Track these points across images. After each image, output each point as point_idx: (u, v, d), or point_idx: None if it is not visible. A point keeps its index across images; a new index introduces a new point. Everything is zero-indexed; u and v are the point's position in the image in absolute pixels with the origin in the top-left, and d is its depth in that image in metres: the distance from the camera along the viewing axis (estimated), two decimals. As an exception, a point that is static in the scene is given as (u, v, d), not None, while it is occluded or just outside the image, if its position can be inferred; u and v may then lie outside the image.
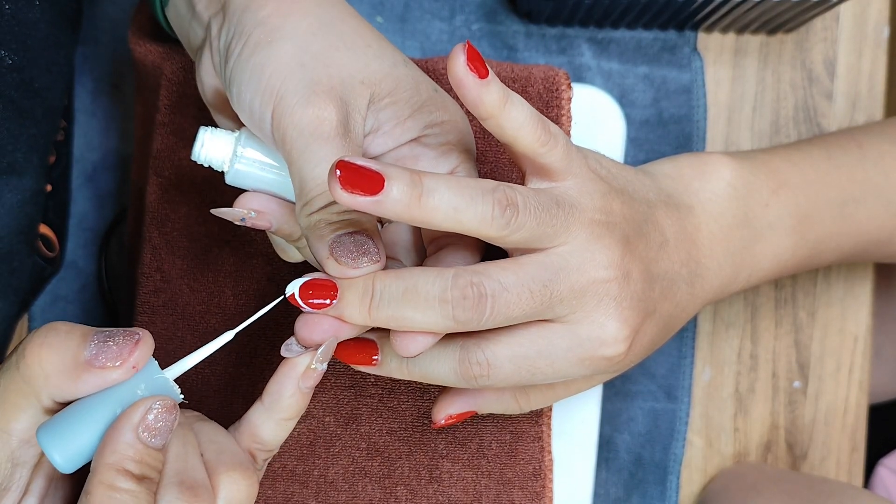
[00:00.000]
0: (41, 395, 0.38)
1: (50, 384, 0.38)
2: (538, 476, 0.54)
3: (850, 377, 0.65)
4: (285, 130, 0.41)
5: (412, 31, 0.63)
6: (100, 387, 0.38)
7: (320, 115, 0.41)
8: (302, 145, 0.41)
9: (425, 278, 0.39)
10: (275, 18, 0.43)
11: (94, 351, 0.37)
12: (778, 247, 0.51)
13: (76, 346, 0.38)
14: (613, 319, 0.42)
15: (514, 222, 0.39)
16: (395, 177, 0.37)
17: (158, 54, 0.55)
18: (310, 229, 0.41)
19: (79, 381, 0.38)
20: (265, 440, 0.43)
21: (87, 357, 0.37)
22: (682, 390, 0.63)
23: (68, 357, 0.37)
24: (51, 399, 0.38)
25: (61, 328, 0.38)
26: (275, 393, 0.42)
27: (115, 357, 0.37)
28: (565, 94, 0.54)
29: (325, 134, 0.41)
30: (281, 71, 0.42)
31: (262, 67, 0.42)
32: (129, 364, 0.38)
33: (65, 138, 0.60)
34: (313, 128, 0.41)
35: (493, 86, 0.39)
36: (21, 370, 0.38)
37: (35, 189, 0.52)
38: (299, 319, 0.41)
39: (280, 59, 0.42)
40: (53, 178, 0.58)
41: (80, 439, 0.38)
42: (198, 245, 0.55)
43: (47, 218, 0.57)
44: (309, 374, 0.42)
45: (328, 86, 0.42)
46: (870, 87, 0.65)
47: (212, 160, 0.46)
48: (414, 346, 0.40)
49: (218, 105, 0.48)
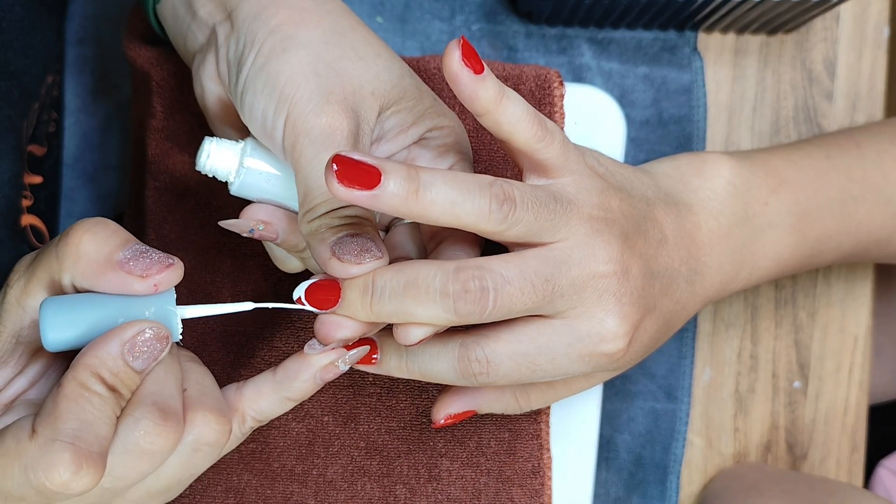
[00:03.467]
0: (65, 275, 0.39)
1: (78, 267, 0.39)
2: (537, 474, 0.54)
3: (850, 377, 0.65)
4: (297, 137, 0.41)
5: (412, 31, 0.63)
6: (118, 290, 0.39)
7: (332, 124, 0.41)
8: (311, 153, 0.41)
9: (426, 272, 0.39)
10: (287, 27, 0.43)
11: (129, 255, 0.39)
12: (778, 245, 0.51)
13: (115, 245, 0.39)
14: (613, 315, 0.42)
15: (512, 217, 0.39)
16: (392, 171, 0.37)
17: (151, 59, 0.55)
18: (312, 234, 0.41)
19: (102, 277, 0.39)
20: (262, 410, 0.43)
21: (121, 258, 0.38)
22: (682, 390, 0.63)
23: (105, 250, 0.39)
24: (71, 283, 0.39)
25: (110, 225, 0.40)
26: (291, 372, 0.43)
27: (144, 269, 0.38)
28: (557, 92, 0.54)
29: (335, 143, 0.41)
30: (296, 79, 0.42)
31: (277, 75, 0.42)
32: (152, 281, 0.39)
33: (56, 130, 0.60)
34: (325, 136, 0.41)
35: (488, 81, 0.39)
36: (59, 248, 0.39)
37: (14, 172, 0.52)
38: (317, 321, 0.41)
39: (295, 66, 0.42)
40: (44, 170, 0.58)
41: (75, 327, 0.39)
42: (195, 247, 0.55)
43: (38, 210, 0.57)
44: (330, 368, 0.43)
45: (341, 95, 0.42)
46: (870, 88, 0.65)
47: (217, 171, 0.46)
48: (414, 333, 0.40)
49: (218, 112, 0.48)
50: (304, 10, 0.44)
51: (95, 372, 0.37)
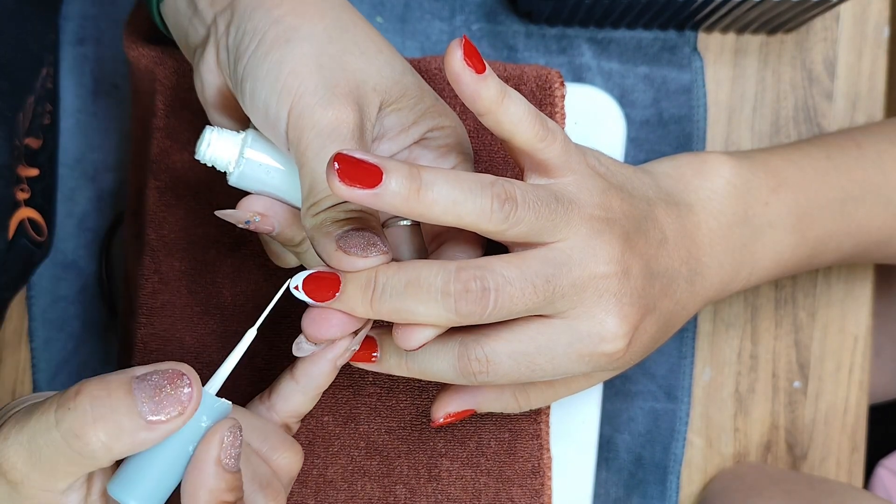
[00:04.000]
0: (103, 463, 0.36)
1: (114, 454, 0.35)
2: (537, 474, 0.54)
3: (850, 377, 0.65)
4: (302, 130, 0.41)
5: (412, 31, 0.63)
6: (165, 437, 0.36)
7: (339, 117, 0.41)
8: (318, 146, 0.41)
9: (428, 270, 0.39)
10: (290, 18, 0.43)
11: (150, 406, 0.35)
12: (778, 245, 0.51)
13: (126, 406, 0.35)
14: (613, 315, 0.42)
15: (513, 216, 0.39)
16: (394, 170, 0.37)
17: (152, 58, 0.55)
18: (315, 229, 0.41)
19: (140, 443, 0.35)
20: (297, 412, 0.46)
21: (147, 416, 0.35)
22: (682, 390, 0.63)
23: (125, 422, 0.35)
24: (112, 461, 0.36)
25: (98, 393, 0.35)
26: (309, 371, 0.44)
27: (173, 407, 0.35)
28: (558, 93, 0.54)
29: (342, 136, 0.41)
30: (299, 70, 0.42)
31: (279, 65, 0.42)
32: (190, 410, 0.36)
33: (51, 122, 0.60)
34: (331, 129, 0.41)
35: (490, 81, 0.39)
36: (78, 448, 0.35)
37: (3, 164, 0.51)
38: (305, 317, 0.41)
39: (298, 58, 0.42)
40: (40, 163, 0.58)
41: (159, 484, 0.37)
42: (196, 247, 0.55)
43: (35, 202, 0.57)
44: (345, 354, 0.44)
45: (346, 89, 0.42)
46: (870, 87, 0.65)
47: (216, 160, 0.46)
48: (415, 339, 0.40)
49: (218, 104, 0.48)
50: (308, 3, 0.44)
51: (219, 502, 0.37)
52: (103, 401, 0.35)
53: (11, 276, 0.55)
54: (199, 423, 0.38)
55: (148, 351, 0.55)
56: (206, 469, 0.37)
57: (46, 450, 0.35)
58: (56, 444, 0.35)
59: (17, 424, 0.36)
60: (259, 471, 0.42)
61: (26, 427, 0.35)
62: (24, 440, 0.35)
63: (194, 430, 0.37)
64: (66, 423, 0.35)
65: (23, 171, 0.55)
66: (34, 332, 0.63)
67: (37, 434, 0.35)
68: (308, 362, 0.44)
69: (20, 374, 0.63)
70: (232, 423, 0.38)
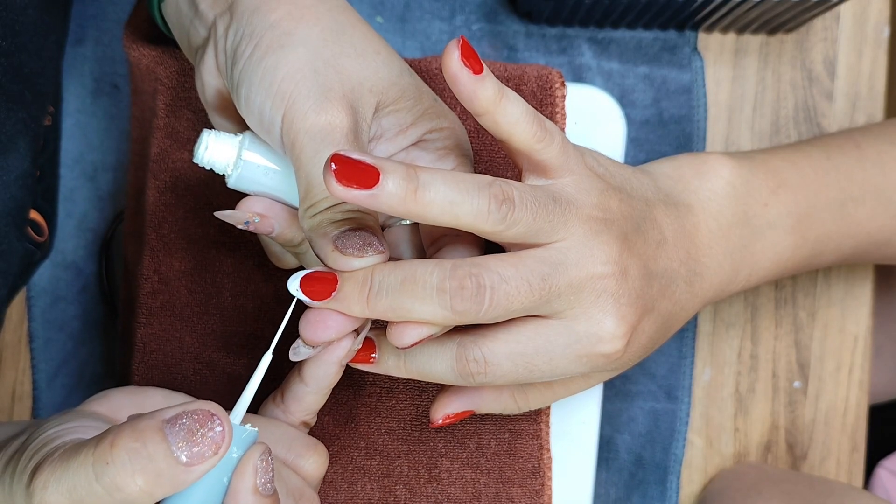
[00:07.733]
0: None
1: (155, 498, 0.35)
2: (537, 474, 0.54)
3: (850, 377, 0.65)
4: (296, 135, 0.41)
5: (412, 31, 0.63)
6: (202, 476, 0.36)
7: (332, 121, 0.41)
8: (312, 150, 0.41)
9: (424, 268, 0.39)
10: (286, 22, 0.43)
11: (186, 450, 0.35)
12: (777, 246, 0.50)
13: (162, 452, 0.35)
14: (611, 316, 0.42)
15: (511, 217, 0.39)
16: (391, 170, 0.37)
17: (153, 58, 0.55)
18: (313, 229, 0.41)
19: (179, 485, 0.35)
20: (314, 409, 0.46)
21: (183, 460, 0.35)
22: (682, 390, 0.63)
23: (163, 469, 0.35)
24: None
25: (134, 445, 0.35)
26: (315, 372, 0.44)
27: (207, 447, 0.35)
28: (559, 93, 0.54)
29: (336, 140, 0.41)
30: (293, 75, 0.42)
31: (273, 70, 0.42)
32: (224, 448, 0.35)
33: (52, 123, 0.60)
34: (325, 133, 0.41)
35: (487, 81, 0.39)
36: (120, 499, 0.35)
37: (23, 172, 0.51)
38: (302, 320, 0.41)
39: (293, 63, 0.42)
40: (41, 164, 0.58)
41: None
42: (196, 247, 0.55)
43: (36, 203, 0.57)
44: (349, 354, 0.44)
45: (340, 93, 0.42)
46: (870, 87, 0.65)
47: (214, 163, 0.46)
48: (408, 336, 0.40)
49: (218, 106, 0.48)
50: (304, 6, 0.44)
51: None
52: (139, 452, 0.34)
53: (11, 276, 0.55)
54: (231, 455, 0.38)
55: (148, 351, 0.55)
56: (245, 499, 0.38)
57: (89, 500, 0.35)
58: (98, 496, 0.35)
59: (55, 473, 0.36)
60: (290, 483, 0.43)
61: (65, 478, 0.35)
62: (65, 490, 0.35)
63: (227, 463, 0.38)
64: (107, 477, 0.34)
65: None
66: (34, 332, 0.63)
67: (77, 486, 0.35)
68: (314, 365, 0.44)
69: (20, 374, 0.63)
70: (263, 450, 0.38)
